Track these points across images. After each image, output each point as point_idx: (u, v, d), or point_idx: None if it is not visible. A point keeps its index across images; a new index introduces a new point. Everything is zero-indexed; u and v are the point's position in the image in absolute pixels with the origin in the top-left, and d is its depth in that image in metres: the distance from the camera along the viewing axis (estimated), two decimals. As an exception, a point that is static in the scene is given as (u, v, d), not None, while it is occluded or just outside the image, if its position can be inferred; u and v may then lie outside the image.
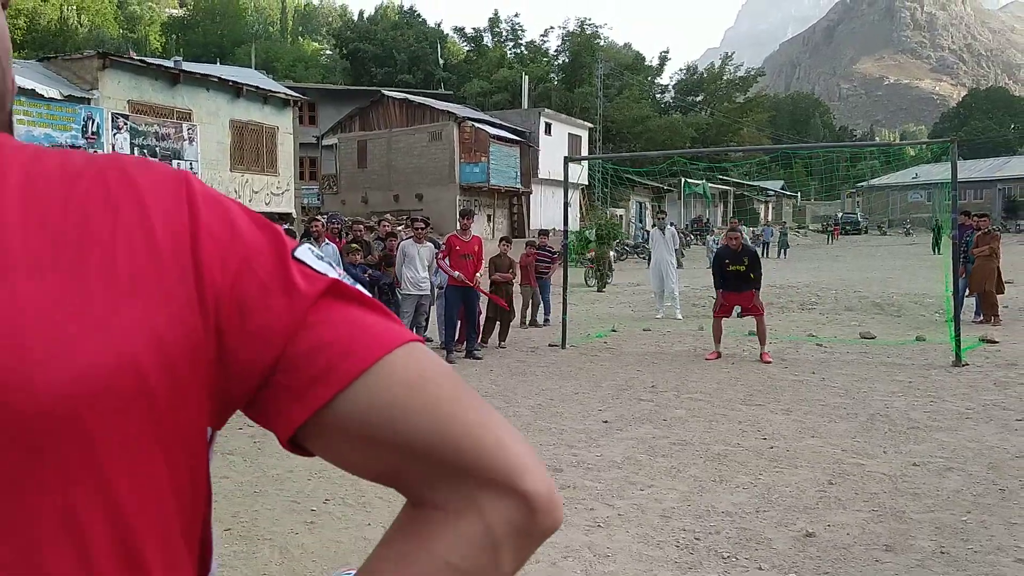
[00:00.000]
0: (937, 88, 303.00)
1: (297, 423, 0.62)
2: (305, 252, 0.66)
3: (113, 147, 18.70)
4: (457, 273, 10.00)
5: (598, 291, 19.63)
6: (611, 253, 22.18)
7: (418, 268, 10.03)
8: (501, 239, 12.47)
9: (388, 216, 15.64)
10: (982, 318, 12.74)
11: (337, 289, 0.64)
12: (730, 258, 9.93)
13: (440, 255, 10.22)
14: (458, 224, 10.49)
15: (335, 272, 0.66)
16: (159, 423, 0.57)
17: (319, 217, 12.14)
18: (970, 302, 13.07)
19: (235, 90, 22.15)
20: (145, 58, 24.71)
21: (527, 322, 13.34)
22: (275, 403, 0.62)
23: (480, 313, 10.70)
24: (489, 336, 11.17)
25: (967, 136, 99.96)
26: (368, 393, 0.60)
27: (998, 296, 12.93)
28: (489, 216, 33.16)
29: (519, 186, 33.81)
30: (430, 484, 0.62)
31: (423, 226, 10.42)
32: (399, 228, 13.52)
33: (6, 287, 0.53)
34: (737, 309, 10.16)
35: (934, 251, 30.63)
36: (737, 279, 9.88)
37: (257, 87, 23.23)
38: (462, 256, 10.15)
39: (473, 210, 11.36)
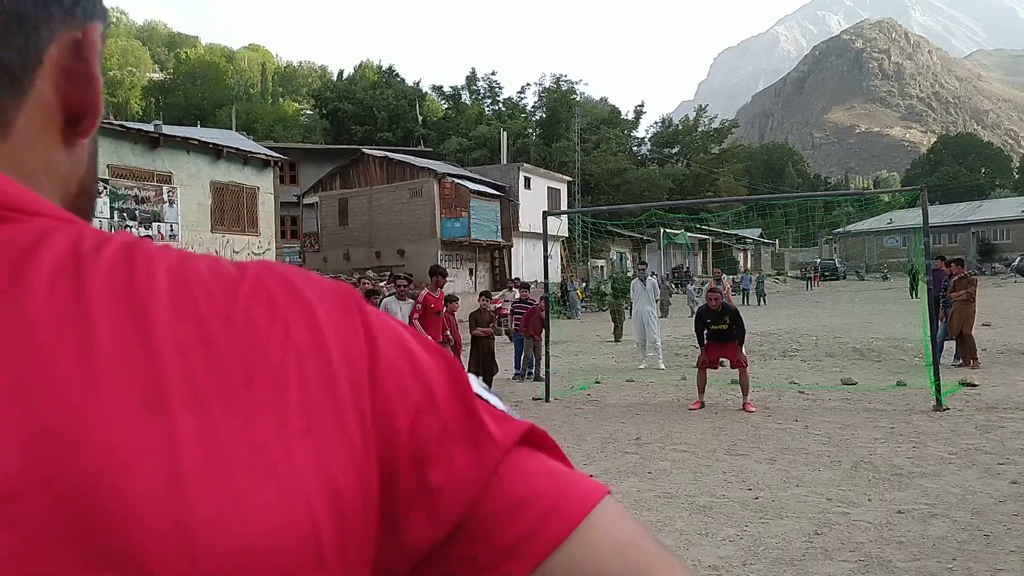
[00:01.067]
0: (907, 135, 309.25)
1: None
2: (477, 384, 0.56)
3: (93, 210, 18.69)
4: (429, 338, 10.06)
5: (615, 341, 19.68)
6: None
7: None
8: (481, 294, 12.50)
9: (370, 273, 15.68)
10: (961, 361, 12.85)
11: (531, 434, 0.54)
12: (712, 318, 10.04)
13: (414, 313, 10.21)
14: (431, 281, 10.51)
15: (507, 408, 0.57)
16: None
17: None
18: (949, 345, 13.20)
19: (215, 152, 22.30)
20: (125, 122, 24.86)
21: (532, 376, 13.19)
22: None
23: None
24: None
25: (939, 181, 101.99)
26: (571, 562, 0.49)
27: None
28: (471, 270, 33.29)
29: (500, 240, 34.04)
30: None
31: (406, 283, 10.45)
32: (381, 284, 13.54)
33: (163, 425, 0.42)
34: (724, 361, 10.23)
35: (911, 295, 30.96)
36: (719, 336, 10.00)
37: (237, 148, 23.40)
38: (436, 313, 10.20)
39: (445, 268, 11.41)
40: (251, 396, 0.45)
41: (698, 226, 54.58)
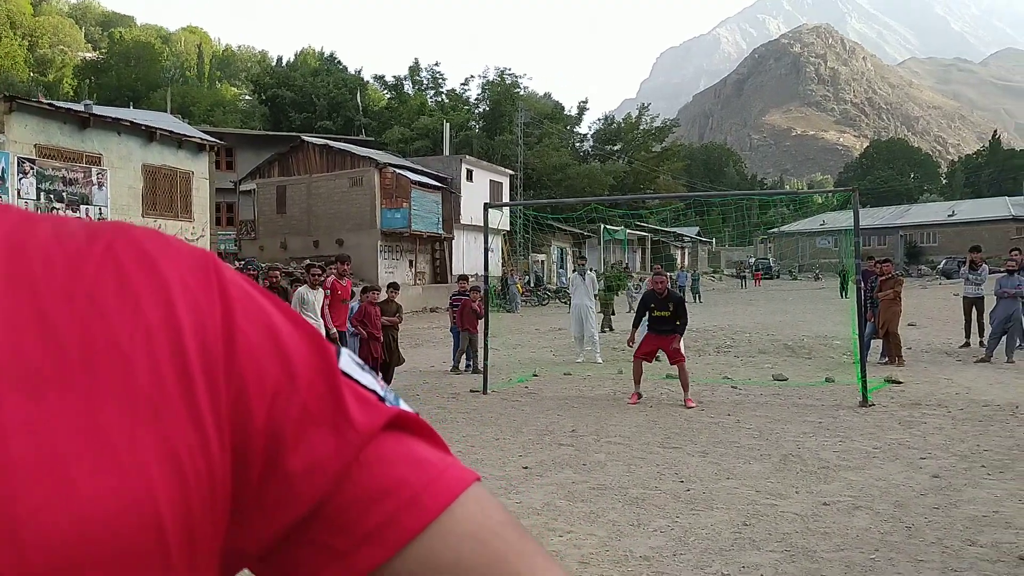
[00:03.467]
0: (841, 139, 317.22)
1: None
2: (349, 362, 0.53)
3: (18, 192, 18.04)
4: (334, 330, 10.06)
5: (607, 331, 19.68)
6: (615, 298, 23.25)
7: (318, 314, 9.90)
8: (389, 285, 12.39)
9: (278, 265, 15.41)
10: (887, 359, 13.22)
11: (399, 419, 0.53)
12: (655, 303, 9.91)
13: (325, 300, 10.13)
14: (336, 269, 10.44)
15: (381, 386, 0.54)
16: None
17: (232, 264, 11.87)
18: (876, 343, 13.57)
19: (148, 134, 21.70)
20: (54, 102, 24.02)
21: (462, 368, 13.22)
22: (307, 563, 0.49)
23: (378, 359, 10.81)
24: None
25: (870, 185, 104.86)
26: (427, 552, 0.49)
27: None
28: (411, 262, 33.08)
29: (441, 232, 33.89)
30: None
31: (320, 271, 10.33)
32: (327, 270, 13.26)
33: None
34: (660, 356, 10.27)
35: (841, 295, 31.77)
36: (661, 323, 9.87)
37: (171, 131, 22.80)
38: (342, 301, 10.15)
39: (349, 255, 11.36)
40: (92, 380, 0.42)
41: (638, 223, 55.16)
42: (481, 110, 60.60)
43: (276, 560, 0.50)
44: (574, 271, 16.41)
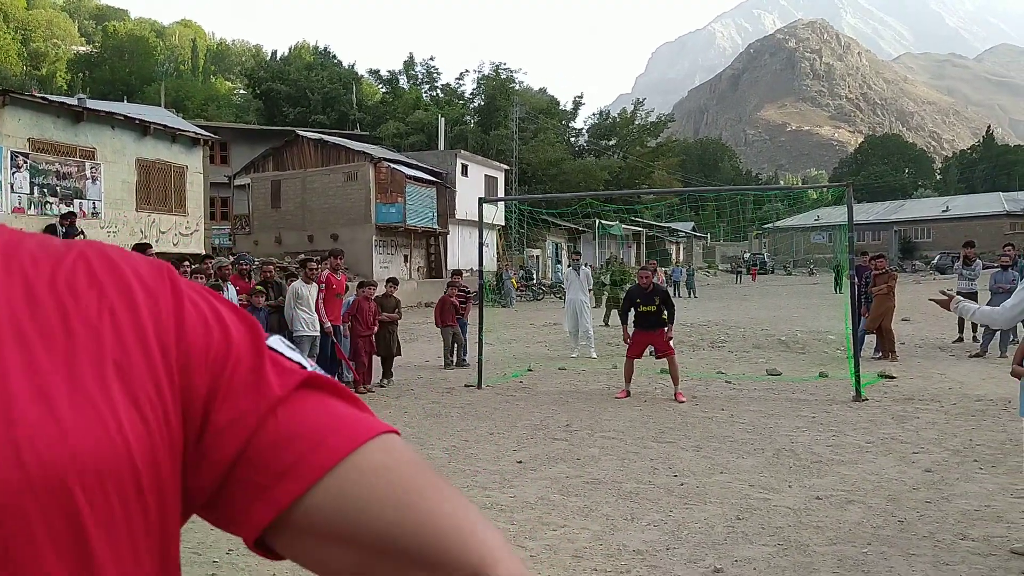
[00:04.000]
0: (836, 135, 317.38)
1: (264, 522, 0.59)
2: (277, 342, 0.66)
3: (11, 186, 17.97)
4: (328, 324, 10.07)
5: (605, 325, 19.70)
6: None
7: (312, 308, 9.88)
8: (388, 280, 12.42)
9: (273, 260, 15.32)
10: (881, 354, 13.26)
11: (312, 381, 0.63)
12: (641, 298, 9.80)
13: (321, 294, 10.14)
14: (330, 264, 10.44)
15: (308, 363, 0.66)
16: (145, 511, 0.56)
17: (215, 258, 11.78)
18: (870, 339, 13.61)
19: (141, 128, 21.61)
20: (48, 95, 23.91)
21: (453, 363, 13.28)
22: (240, 502, 0.60)
23: (370, 353, 10.87)
24: (369, 379, 11.12)
25: (864, 180, 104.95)
26: (339, 487, 0.58)
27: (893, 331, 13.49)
28: (406, 256, 33.03)
29: (436, 227, 33.84)
30: None
31: (315, 266, 10.33)
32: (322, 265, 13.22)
33: None
34: (650, 348, 10.26)
35: (836, 290, 31.82)
36: (648, 318, 9.78)
37: (165, 126, 22.72)
38: (336, 295, 10.15)
39: (342, 250, 11.37)
40: (70, 342, 0.55)
41: (633, 218, 55.17)
42: (476, 105, 60.42)
43: (218, 504, 0.61)
44: (569, 266, 16.41)
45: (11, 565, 0.50)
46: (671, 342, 9.81)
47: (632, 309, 10.02)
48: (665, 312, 9.77)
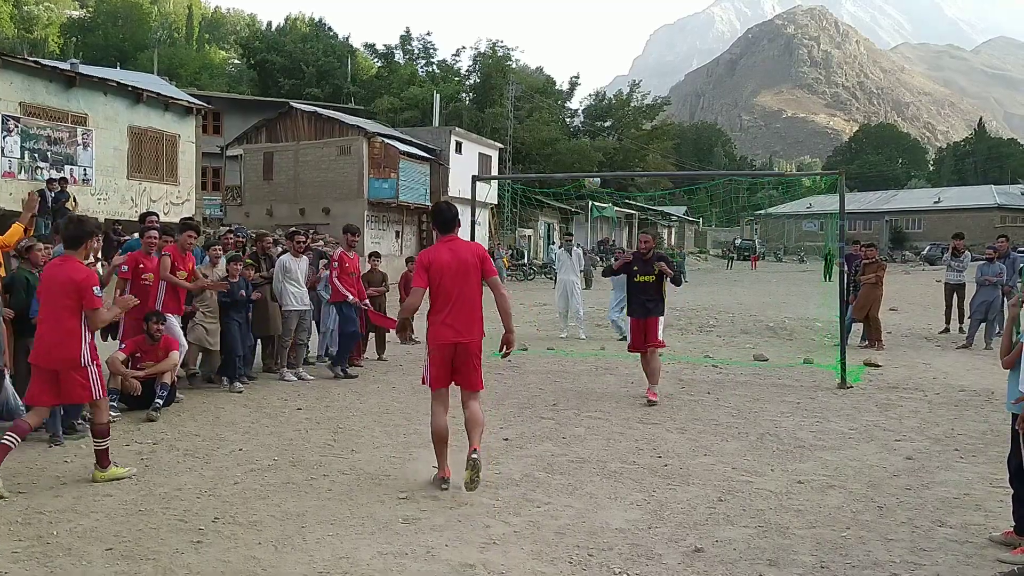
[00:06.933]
0: (831, 123, 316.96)
1: None
2: None
3: (2, 150, 17.82)
4: (352, 298, 10.03)
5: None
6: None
7: (301, 282, 9.84)
8: (371, 255, 12.43)
9: (267, 233, 15.14)
10: (867, 343, 13.34)
11: None
12: (639, 265, 8.81)
13: (334, 271, 10.10)
14: (346, 241, 10.40)
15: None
16: None
17: (231, 232, 11.76)
18: (857, 327, 13.70)
19: (135, 95, 21.45)
20: (40, 59, 23.66)
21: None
22: None
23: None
24: (363, 354, 11.13)
25: (858, 169, 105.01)
26: None
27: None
28: (398, 232, 32.95)
29: (428, 203, 33.72)
30: None
31: (303, 239, 10.28)
32: (321, 241, 13.08)
33: None
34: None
35: (825, 278, 31.91)
36: (644, 295, 8.74)
37: (158, 93, 22.55)
38: (350, 274, 10.12)
39: (358, 227, 11.31)
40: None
41: (626, 201, 55.16)
42: (472, 82, 60.08)
43: None
44: (561, 247, 16.41)
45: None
46: (660, 330, 8.77)
47: (619, 274, 9.20)
48: (662, 291, 8.83)
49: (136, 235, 9.41)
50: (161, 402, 7.47)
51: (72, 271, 5.31)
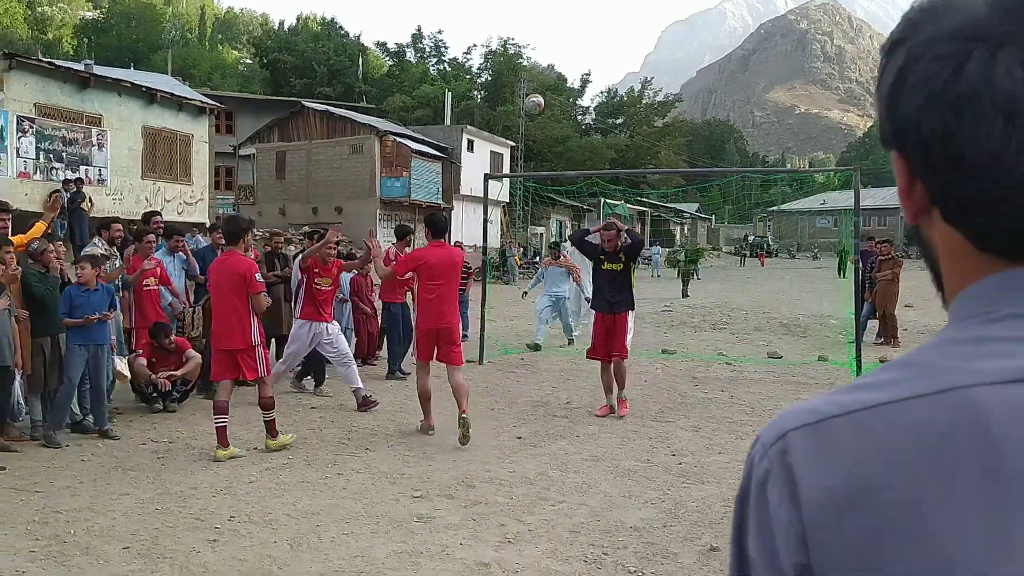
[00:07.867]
0: (845, 118, 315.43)
1: None
2: None
3: (17, 151, 17.95)
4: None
5: (683, 297, 22.89)
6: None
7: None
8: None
9: (280, 232, 15.15)
10: (883, 339, 13.27)
11: None
12: (605, 254, 7.84)
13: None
14: (394, 241, 10.62)
15: None
16: None
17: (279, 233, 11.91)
18: (873, 324, 13.61)
19: (148, 96, 21.55)
20: (55, 60, 23.81)
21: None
22: None
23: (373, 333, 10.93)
24: (380, 349, 11.16)
25: (872, 165, 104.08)
26: None
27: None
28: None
29: (440, 202, 33.77)
30: None
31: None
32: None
33: None
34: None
35: (839, 275, 31.75)
36: (611, 286, 7.77)
37: (172, 93, 22.66)
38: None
39: (411, 227, 11.38)
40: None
41: (638, 198, 54.97)
42: (483, 80, 60.05)
43: None
44: (572, 244, 16.26)
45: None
46: (630, 333, 7.94)
47: (594, 267, 8.06)
48: (630, 284, 7.91)
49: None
50: (179, 395, 7.66)
51: (235, 264, 6.12)
